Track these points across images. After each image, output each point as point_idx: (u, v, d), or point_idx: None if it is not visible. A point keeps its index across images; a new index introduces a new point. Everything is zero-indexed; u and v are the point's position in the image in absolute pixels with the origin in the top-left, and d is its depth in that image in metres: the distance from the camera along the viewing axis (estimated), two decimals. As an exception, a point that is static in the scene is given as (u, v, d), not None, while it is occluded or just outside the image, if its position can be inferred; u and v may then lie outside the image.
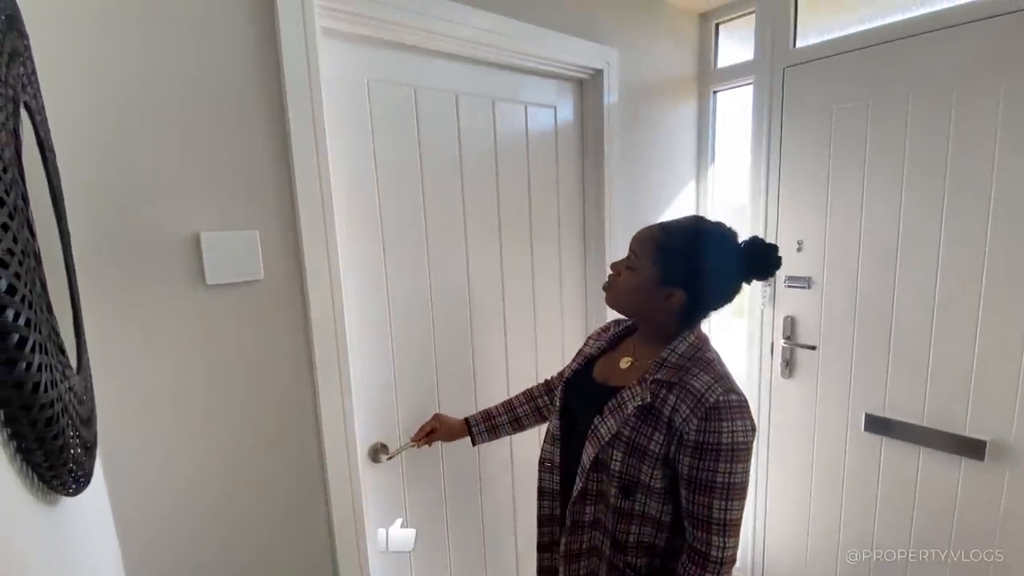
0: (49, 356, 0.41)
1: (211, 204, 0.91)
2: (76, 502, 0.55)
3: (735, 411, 0.80)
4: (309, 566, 1.10)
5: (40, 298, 0.45)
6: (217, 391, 0.94)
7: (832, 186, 1.64)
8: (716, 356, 0.89)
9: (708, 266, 0.87)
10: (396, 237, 1.22)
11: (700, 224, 0.91)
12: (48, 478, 0.46)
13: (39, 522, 0.46)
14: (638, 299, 0.91)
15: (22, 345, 0.36)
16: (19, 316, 0.35)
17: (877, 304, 1.57)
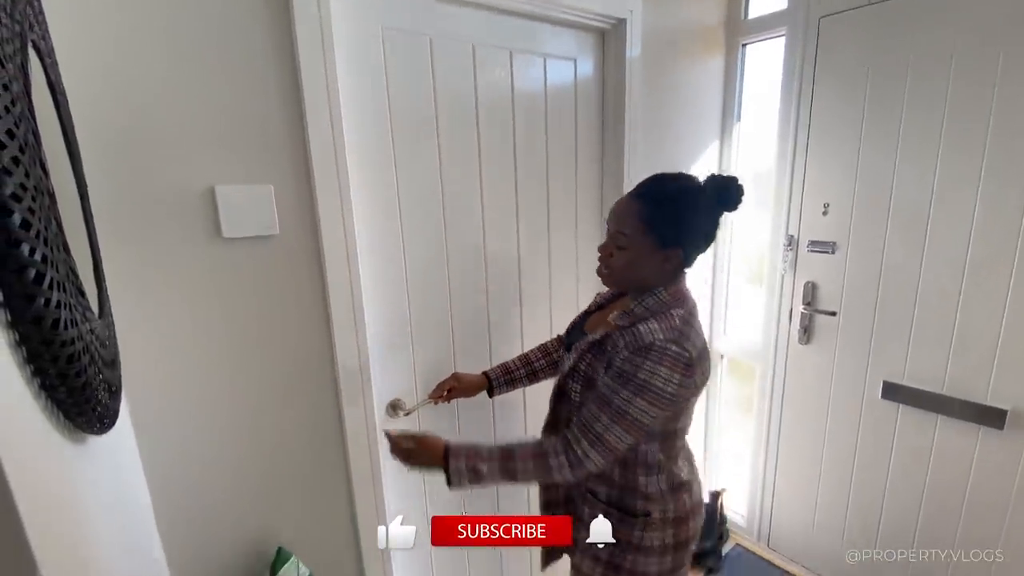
0: (68, 295, 0.42)
1: (225, 158, 0.90)
2: (104, 441, 0.57)
3: (666, 357, 0.84)
4: (328, 514, 1.14)
5: (56, 237, 0.45)
6: (236, 342, 0.96)
7: (863, 147, 1.57)
8: (683, 313, 0.90)
9: (695, 217, 0.91)
10: (411, 193, 1.20)
11: (671, 181, 0.93)
12: (73, 415, 0.48)
13: (67, 457, 0.47)
14: (638, 272, 0.93)
15: (39, 281, 0.36)
16: (35, 251, 0.35)
17: (903, 270, 1.53)
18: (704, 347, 0.92)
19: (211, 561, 1.00)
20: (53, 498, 0.41)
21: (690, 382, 0.88)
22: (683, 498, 0.99)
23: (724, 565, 1.96)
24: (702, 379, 0.92)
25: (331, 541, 1.16)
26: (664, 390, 0.85)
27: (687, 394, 0.90)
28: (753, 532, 2.06)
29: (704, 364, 0.91)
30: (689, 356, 0.86)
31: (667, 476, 0.97)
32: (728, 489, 2.11)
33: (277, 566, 1.02)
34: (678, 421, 0.96)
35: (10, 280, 0.34)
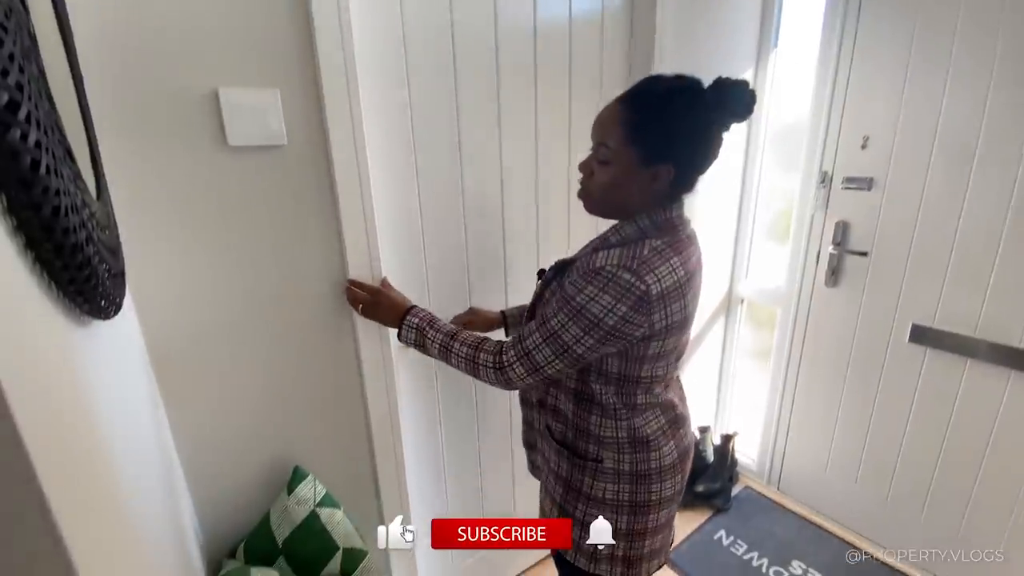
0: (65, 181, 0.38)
1: (229, 58, 0.84)
2: (109, 326, 0.55)
3: (612, 285, 0.73)
4: (344, 434, 1.14)
5: (48, 116, 0.41)
6: (245, 257, 0.93)
7: (911, 74, 1.45)
8: (659, 244, 0.77)
9: (689, 126, 0.77)
10: (425, 119, 1.13)
11: (663, 83, 0.79)
12: (79, 302, 0.45)
13: (73, 340, 0.45)
14: (622, 193, 0.81)
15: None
16: (26, 137, 0.31)
17: (944, 208, 1.44)
18: (679, 287, 0.77)
19: (227, 476, 1.01)
20: (60, 376, 0.39)
21: (642, 320, 0.75)
22: (647, 456, 0.87)
23: (733, 505, 1.99)
24: (668, 324, 0.78)
25: (347, 462, 1.17)
26: (602, 320, 0.74)
27: (636, 333, 0.76)
28: (764, 475, 2.08)
29: (671, 306, 0.77)
30: (644, 290, 0.73)
31: (627, 425, 0.86)
32: (739, 433, 2.11)
33: (294, 484, 1.03)
34: (640, 367, 0.83)
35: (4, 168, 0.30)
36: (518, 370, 0.82)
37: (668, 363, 0.86)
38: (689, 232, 0.85)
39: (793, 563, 1.71)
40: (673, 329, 0.80)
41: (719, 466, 2.04)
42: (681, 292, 0.78)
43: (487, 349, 0.86)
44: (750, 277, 2.00)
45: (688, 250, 0.81)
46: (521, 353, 0.81)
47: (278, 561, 0.99)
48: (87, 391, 0.45)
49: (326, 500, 1.04)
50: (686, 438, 0.94)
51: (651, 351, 0.81)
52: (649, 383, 0.85)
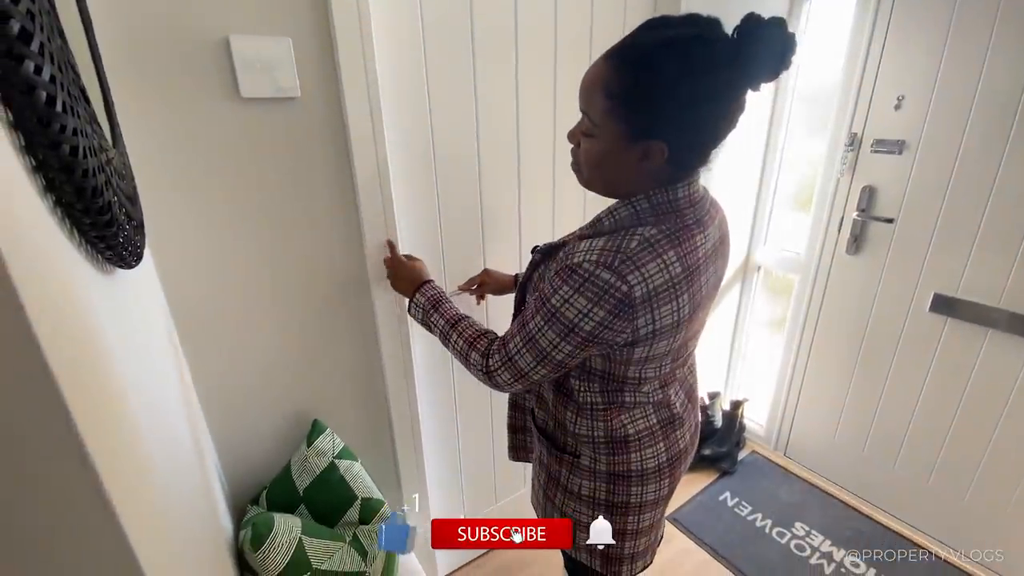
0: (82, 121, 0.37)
1: (239, 2, 0.81)
2: (131, 276, 0.55)
3: (589, 286, 0.64)
4: (362, 390, 1.17)
5: (61, 52, 0.39)
6: (258, 205, 0.93)
7: (954, 28, 1.36)
8: (653, 234, 0.66)
9: (687, 92, 0.60)
10: (440, 67, 1.09)
11: (658, 32, 0.61)
12: (100, 248, 0.45)
13: (97, 286, 0.45)
14: (610, 171, 0.69)
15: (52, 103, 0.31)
16: (40, 70, 0.30)
17: (978, 173, 1.38)
18: (671, 286, 0.66)
19: (248, 428, 1.04)
20: (91, 317, 0.39)
21: (623, 326, 0.66)
22: (626, 457, 0.81)
23: (739, 469, 2.02)
24: (656, 328, 0.67)
25: (365, 418, 1.19)
26: (578, 325, 0.66)
27: (618, 339, 0.68)
28: (771, 441, 2.10)
29: (660, 309, 0.66)
30: (626, 292, 0.63)
31: (605, 425, 0.80)
32: (749, 399, 2.12)
33: (313, 436, 1.06)
34: (625, 368, 0.74)
35: (20, 103, 0.29)
36: (504, 376, 0.76)
37: (661, 365, 0.76)
38: (700, 215, 0.71)
39: (796, 525, 1.74)
40: (662, 333, 0.69)
41: (727, 431, 2.06)
42: (674, 292, 0.67)
43: (479, 349, 0.81)
44: (768, 244, 1.96)
45: (693, 240, 0.68)
46: (506, 358, 0.75)
47: (299, 508, 1.02)
48: (111, 336, 0.46)
49: (344, 453, 1.07)
50: (680, 441, 0.84)
51: (636, 355, 0.72)
52: (638, 383, 0.77)
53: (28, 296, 0.27)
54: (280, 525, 0.89)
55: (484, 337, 0.83)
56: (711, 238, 0.73)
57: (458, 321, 0.87)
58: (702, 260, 0.71)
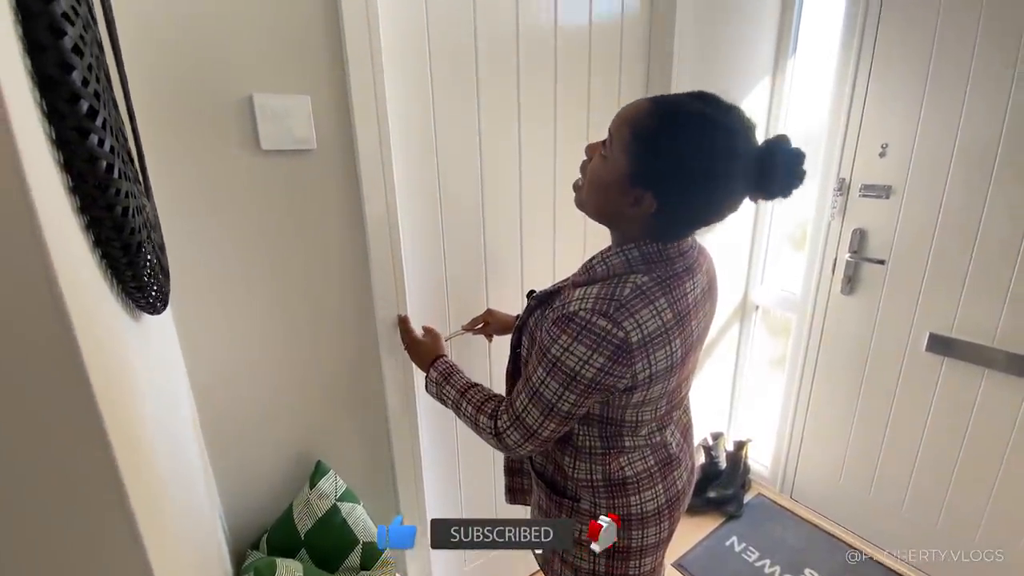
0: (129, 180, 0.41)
1: (263, 65, 0.88)
2: (154, 321, 0.58)
3: (587, 334, 0.66)
4: (366, 433, 1.17)
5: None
6: (274, 258, 0.97)
7: (931, 82, 1.45)
8: (645, 282, 0.69)
9: (694, 167, 0.64)
10: (447, 109, 1.16)
11: (698, 104, 0.65)
12: (136, 297, 0.48)
13: (130, 332, 0.48)
14: (603, 197, 0.73)
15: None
16: (103, 143, 0.34)
17: (963, 217, 1.44)
18: (664, 332, 0.69)
19: (252, 468, 1.05)
20: (128, 356, 0.42)
21: (623, 371, 0.68)
22: (626, 501, 0.81)
23: (745, 512, 1.98)
24: (653, 372, 0.70)
25: (367, 459, 1.19)
26: (580, 373, 0.67)
27: (619, 385, 0.70)
28: (776, 483, 2.07)
29: (655, 354, 0.69)
30: (623, 338, 0.65)
31: (604, 468, 0.80)
32: (753, 440, 2.10)
33: (316, 478, 1.06)
34: (623, 412, 0.76)
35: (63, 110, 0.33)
36: (514, 436, 0.76)
37: (657, 407, 0.78)
38: (688, 263, 0.75)
39: (805, 571, 1.70)
40: (658, 377, 0.72)
41: (731, 472, 2.03)
42: (667, 338, 0.69)
43: (487, 412, 0.81)
44: (766, 284, 2.00)
45: (682, 286, 0.72)
46: (513, 417, 0.75)
47: (300, 553, 1.01)
48: (142, 382, 0.48)
49: (347, 495, 1.07)
50: (678, 482, 0.85)
51: (634, 400, 0.74)
52: (635, 425, 0.79)
53: (85, 348, 0.31)
54: (282, 570, 0.88)
55: (492, 400, 0.84)
56: (699, 284, 0.77)
57: (467, 389, 0.87)
58: (692, 305, 0.74)
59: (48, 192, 0.31)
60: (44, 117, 0.32)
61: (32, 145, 0.30)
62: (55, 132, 0.33)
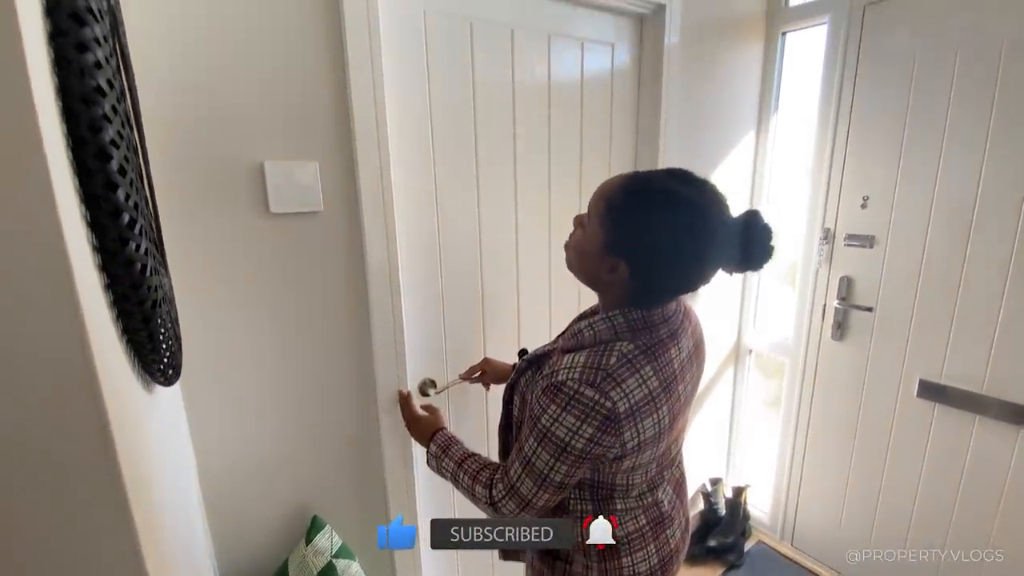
0: (151, 243, 0.44)
1: (275, 134, 0.93)
2: (163, 394, 0.60)
3: (575, 404, 0.68)
4: (362, 490, 1.17)
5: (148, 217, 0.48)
6: (277, 315, 0.99)
7: (907, 138, 1.53)
8: (631, 350, 0.71)
9: (661, 239, 0.68)
10: (448, 175, 1.22)
11: (669, 182, 0.70)
12: (149, 362, 0.50)
13: (147, 405, 0.50)
14: (584, 263, 0.78)
15: (132, 226, 0.38)
16: (128, 198, 0.38)
17: (945, 266, 1.49)
18: (651, 400, 0.71)
19: (248, 524, 1.04)
20: (143, 428, 0.44)
21: (612, 441, 0.69)
22: (618, 564, 0.81)
23: (746, 561, 1.95)
24: (641, 441, 0.71)
25: (363, 513, 1.19)
26: (569, 443, 0.69)
27: (608, 455, 0.71)
28: (777, 530, 2.04)
29: (643, 423, 0.71)
30: (611, 408, 0.67)
31: None
32: (751, 486, 2.09)
33: (312, 534, 1.06)
34: (614, 477, 0.77)
35: (106, 223, 0.36)
36: (509, 506, 0.77)
37: (647, 471, 0.80)
38: (673, 328, 0.77)
39: (810, 625, 1.66)
40: (647, 444, 0.73)
41: (731, 520, 2.01)
42: (654, 406, 0.71)
43: (482, 481, 0.82)
44: (758, 327, 2.03)
45: (667, 353, 0.75)
46: (508, 487, 0.77)
47: (294, 613, 1.00)
48: (155, 450, 0.50)
49: (343, 551, 1.06)
50: (671, 540, 0.86)
51: (624, 466, 0.75)
52: (626, 488, 0.80)
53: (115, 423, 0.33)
54: (277, 633, 0.87)
55: (487, 469, 0.84)
56: (685, 347, 0.79)
57: (464, 459, 0.88)
58: (678, 370, 0.77)
59: (90, 292, 0.34)
60: (88, 227, 0.36)
61: (80, 255, 0.33)
62: (97, 239, 0.36)
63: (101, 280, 0.38)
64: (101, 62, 0.34)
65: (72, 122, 0.33)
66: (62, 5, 0.33)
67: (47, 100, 0.32)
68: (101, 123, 0.33)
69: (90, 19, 0.33)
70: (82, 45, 0.33)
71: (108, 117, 0.34)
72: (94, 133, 0.33)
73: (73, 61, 0.33)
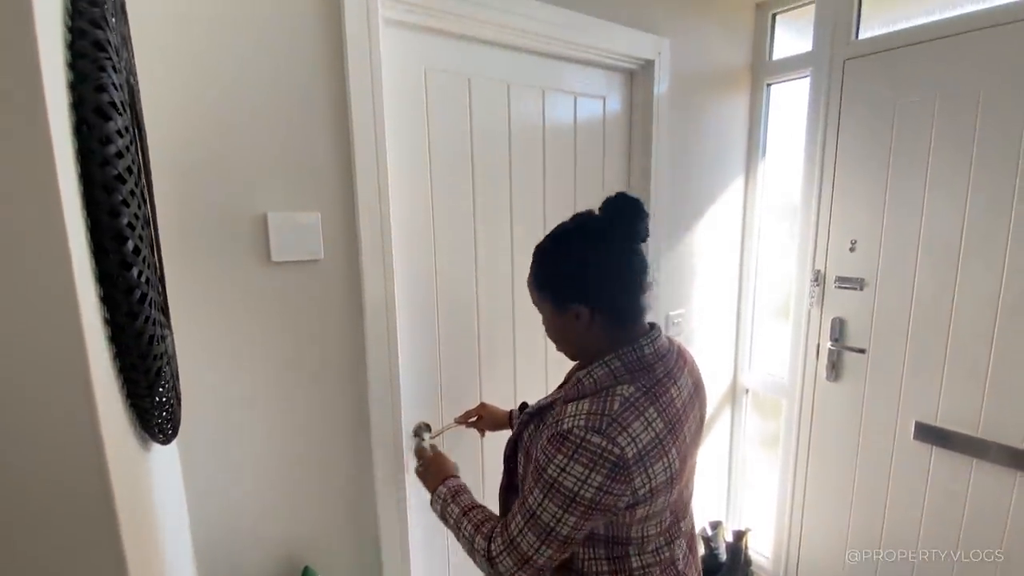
0: (158, 312, 0.46)
1: (278, 186, 0.96)
2: (160, 451, 0.61)
3: (582, 452, 0.67)
4: (355, 539, 1.15)
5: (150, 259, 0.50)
6: (274, 363, 1.00)
7: (891, 184, 1.58)
8: (632, 393, 0.72)
9: (577, 259, 0.75)
10: (446, 223, 1.25)
11: (559, 229, 0.80)
12: (150, 424, 0.51)
13: (146, 462, 0.51)
14: (563, 341, 0.82)
15: (143, 300, 0.40)
16: (141, 274, 0.40)
17: (934, 308, 1.51)
18: (658, 443, 0.70)
19: (239, 572, 1.02)
20: (141, 489, 0.45)
21: (622, 489, 0.67)
22: None
23: (749, 609, 1.89)
24: (653, 487, 0.70)
25: (355, 566, 1.16)
26: (578, 494, 0.67)
27: (620, 504, 0.69)
28: (779, 575, 1.99)
29: (653, 467, 0.69)
30: (619, 454, 0.66)
31: None
32: (752, 529, 2.05)
33: (303, 585, 1.04)
34: (628, 529, 0.75)
35: (119, 299, 0.38)
36: (507, 563, 0.73)
37: (662, 520, 0.77)
38: (669, 367, 0.77)
39: None
40: (659, 491, 0.71)
41: (733, 565, 1.96)
42: (662, 449, 0.70)
43: (483, 533, 0.79)
44: (753, 368, 2.04)
45: (668, 394, 0.75)
46: (508, 540, 0.74)
47: (282, 671, 0.97)
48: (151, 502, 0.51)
49: (334, 604, 1.04)
50: None
51: (639, 514, 0.73)
52: (642, 541, 0.77)
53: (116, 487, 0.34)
54: None
55: (491, 520, 0.82)
56: (684, 387, 0.79)
57: (471, 509, 0.86)
58: (681, 412, 0.76)
59: (100, 363, 0.36)
60: (101, 301, 0.38)
61: (92, 330, 0.35)
62: (109, 313, 0.38)
63: (111, 350, 0.40)
64: (122, 151, 0.37)
65: (92, 206, 0.36)
66: (86, 101, 0.36)
67: (70, 186, 0.34)
68: (119, 208, 0.36)
69: (114, 113, 0.36)
70: (106, 138, 0.36)
71: (126, 202, 0.36)
72: (112, 217, 0.35)
73: (96, 152, 0.35)
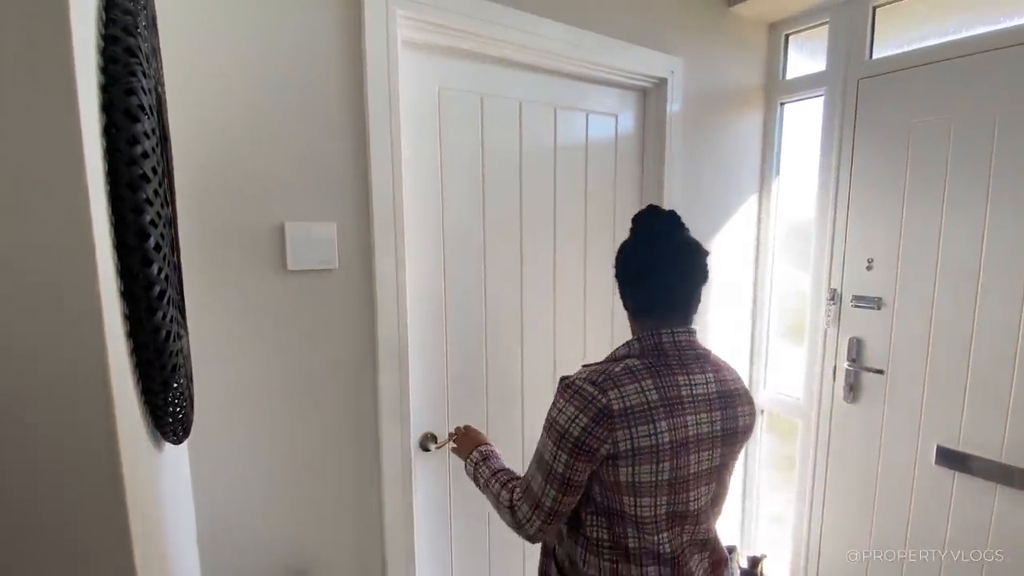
0: (176, 310, 0.47)
1: (297, 197, 0.99)
2: (171, 452, 0.62)
3: (577, 396, 0.77)
4: (360, 548, 1.15)
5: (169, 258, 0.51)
6: (289, 368, 1.02)
7: (907, 203, 1.56)
8: (634, 364, 0.79)
9: (625, 255, 0.88)
10: (457, 239, 1.27)
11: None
12: (163, 423, 0.52)
13: (159, 462, 0.52)
14: (629, 318, 0.91)
15: (162, 296, 0.41)
16: (161, 271, 0.41)
17: (954, 329, 1.48)
18: (647, 409, 0.75)
19: None
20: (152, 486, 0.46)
21: (604, 434, 0.74)
22: None
23: (765, 640, 1.82)
24: (635, 447, 0.74)
25: (360, 573, 1.15)
26: (568, 430, 0.75)
27: (601, 449, 0.74)
28: (796, 605, 1.92)
29: (637, 428, 0.74)
30: (605, 404, 0.74)
31: (610, 568, 0.81)
32: (767, 556, 1.98)
33: (307, 596, 1.03)
34: (620, 499, 0.78)
35: (139, 294, 0.40)
36: (524, 508, 0.82)
37: (656, 502, 0.78)
38: (684, 361, 0.81)
39: None
40: (642, 454, 0.75)
41: (747, 593, 1.90)
42: (649, 416, 0.75)
43: (509, 488, 0.88)
44: (768, 387, 2.00)
45: (673, 377, 0.79)
46: (524, 485, 0.83)
47: None
48: (161, 502, 0.51)
49: (338, 616, 1.03)
50: None
51: (623, 477, 0.76)
52: (636, 522, 0.79)
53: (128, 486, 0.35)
54: None
55: (516, 479, 0.90)
56: (699, 384, 0.81)
57: (500, 470, 0.96)
58: (686, 399, 0.78)
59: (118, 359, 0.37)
60: (121, 296, 0.39)
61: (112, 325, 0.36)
62: (128, 308, 0.39)
63: (128, 346, 0.41)
64: (148, 152, 0.38)
65: (118, 202, 0.37)
66: (116, 103, 0.38)
67: (97, 182, 0.36)
68: (143, 205, 0.37)
69: (141, 116, 0.38)
70: (133, 138, 0.37)
71: (150, 200, 0.38)
72: (136, 214, 0.37)
73: (123, 151, 0.37)
